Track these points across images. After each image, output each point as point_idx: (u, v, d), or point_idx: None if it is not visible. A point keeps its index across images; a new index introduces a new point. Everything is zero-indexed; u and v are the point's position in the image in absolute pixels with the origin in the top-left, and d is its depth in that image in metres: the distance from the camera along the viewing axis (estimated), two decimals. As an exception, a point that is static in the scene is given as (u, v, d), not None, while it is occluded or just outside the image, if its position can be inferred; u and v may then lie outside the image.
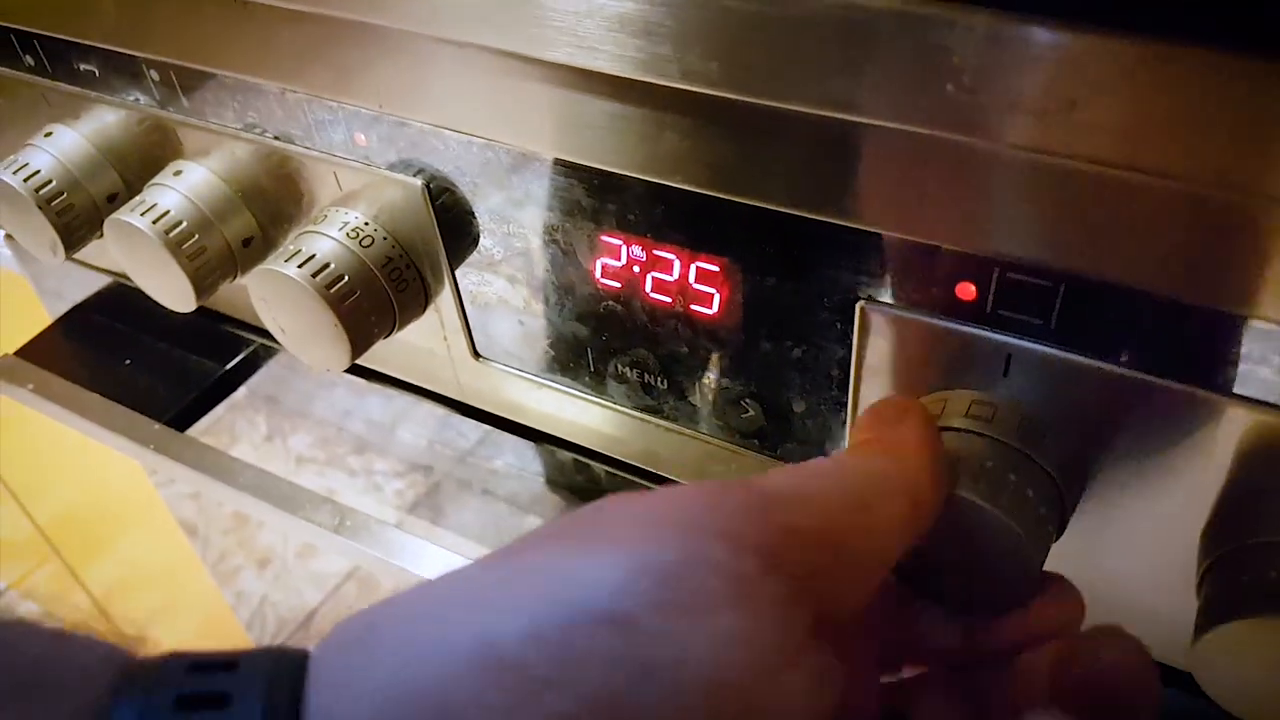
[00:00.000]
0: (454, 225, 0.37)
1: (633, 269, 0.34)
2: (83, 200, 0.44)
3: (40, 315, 0.64)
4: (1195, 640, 0.24)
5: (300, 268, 0.36)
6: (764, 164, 0.28)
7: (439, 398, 0.46)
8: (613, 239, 0.33)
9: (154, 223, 0.40)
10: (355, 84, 0.35)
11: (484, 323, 0.40)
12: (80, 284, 0.59)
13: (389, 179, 0.37)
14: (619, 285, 0.35)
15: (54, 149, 0.44)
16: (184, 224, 0.40)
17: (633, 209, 0.32)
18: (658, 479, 0.41)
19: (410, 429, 0.57)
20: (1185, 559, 0.27)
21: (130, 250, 0.42)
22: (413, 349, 0.43)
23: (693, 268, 0.32)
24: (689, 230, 0.32)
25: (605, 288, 0.35)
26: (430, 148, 0.35)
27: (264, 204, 0.42)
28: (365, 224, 0.38)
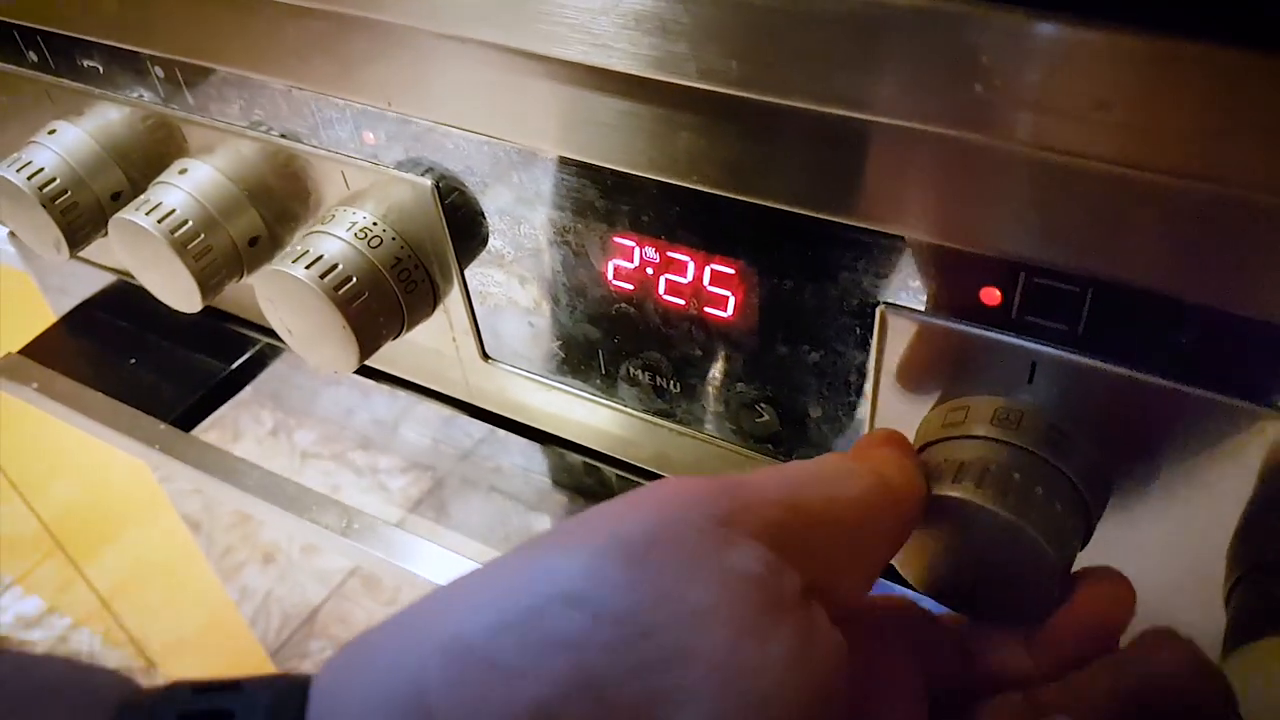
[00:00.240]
0: (463, 225, 0.36)
1: (646, 271, 0.33)
2: (87, 198, 0.44)
3: (44, 313, 0.63)
4: (1225, 655, 0.23)
5: (308, 269, 0.36)
6: (782, 164, 0.27)
7: (446, 398, 0.46)
8: (626, 240, 0.33)
9: (159, 222, 0.40)
10: (363, 80, 0.34)
11: (493, 324, 0.40)
12: (85, 281, 0.58)
13: (398, 178, 0.36)
14: (632, 287, 0.34)
15: (58, 146, 0.43)
16: (189, 223, 0.40)
17: (646, 210, 0.32)
18: (669, 482, 0.41)
19: (415, 427, 0.56)
20: (1212, 571, 0.27)
21: (135, 249, 0.41)
22: (421, 350, 0.43)
23: (707, 270, 0.32)
24: (704, 232, 0.31)
25: (618, 290, 0.34)
26: (439, 146, 0.35)
27: (270, 203, 0.41)
28: (374, 224, 0.37)
